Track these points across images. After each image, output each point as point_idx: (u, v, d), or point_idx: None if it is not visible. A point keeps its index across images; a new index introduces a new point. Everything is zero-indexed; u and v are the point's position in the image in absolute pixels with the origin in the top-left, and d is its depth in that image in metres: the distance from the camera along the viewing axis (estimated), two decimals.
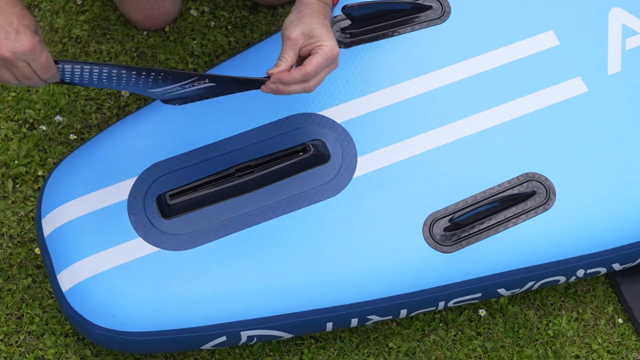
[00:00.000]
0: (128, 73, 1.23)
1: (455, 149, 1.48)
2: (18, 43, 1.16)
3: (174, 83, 1.26)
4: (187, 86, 1.28)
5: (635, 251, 1.51)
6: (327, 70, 1.32)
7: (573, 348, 1.59)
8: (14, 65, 1.18)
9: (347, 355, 1.57)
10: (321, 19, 1.33)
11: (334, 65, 1.32)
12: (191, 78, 1.25)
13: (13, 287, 1.59)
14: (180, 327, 1.39)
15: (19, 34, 1.16)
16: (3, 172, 1.68)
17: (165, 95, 1.32)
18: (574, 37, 1.56)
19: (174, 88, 1.29)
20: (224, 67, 1.54)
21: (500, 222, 1.45)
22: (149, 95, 1.32)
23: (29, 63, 1.18)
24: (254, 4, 1.87)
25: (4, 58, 1.17)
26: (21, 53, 1.17)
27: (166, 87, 1.28)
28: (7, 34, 1.16)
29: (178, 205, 1.41)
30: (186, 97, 1.33)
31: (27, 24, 1.18)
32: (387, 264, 1.42)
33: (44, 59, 1.19)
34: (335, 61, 1.32)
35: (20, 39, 1.16)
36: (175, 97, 1.33)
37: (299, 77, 1.29)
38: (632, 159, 1.49)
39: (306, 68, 1.28)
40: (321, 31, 1.31)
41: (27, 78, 1.20)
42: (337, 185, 1.44)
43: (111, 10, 1.84)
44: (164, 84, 1.26)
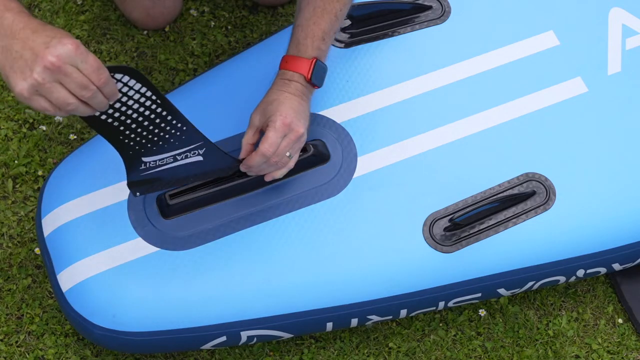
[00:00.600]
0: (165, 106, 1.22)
1: (455, 149, 1.48)
2: (60, 46, 1.09)
3: (179, 148, 1.28)
4: (180, 157, 1.30)
5: (635, 251, 1.51)
6: (287, 140, 1.33)
7: (573, 348, 1.59)
8: (64, 73, 1.10)
9: (347, 355, 1.57)
10: (280, 95, 1.35)
11: (291, 135, 1.33)
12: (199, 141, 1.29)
13: (13, 287, 1.59)
14: (180, 327, 1.39)
15: (59, 39, 1.10)
16: (3, 172, 1.68)
17: (148, 171, 1.31)
18: (574, 37, 1.56)
19: (166, 159, 1.30)
20: (224, 67, 1.54)
21: (500, 222, 1.45)
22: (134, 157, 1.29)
23: (78, 67, 1.11)
24: (254, 4, 1.87)
25: (52, 66, 1.09)
26: (66, 55, 1.09)
27: (163, 155, 1.29)
28: (46, 44, 1.09)
29: (178, 205, 1.41)
30: (161, 178, 1.33)
31: (62, 32, 1.11)
32: (387, 264, 1.42)
33: (92, 58, 1.10)
34: (292, 129, 1.33)
35: (62, 41, 1.10)
36: (153, 176, 1.32)
37: (260, 158, 1.33)
38: (632, 159, 1.49)
39: (260, 148, 1.33)
40: (273, 107, 1.34)
41: (84, 87, 1.11)
42: (337, 185, 1.44)
43: (111, 10, 1.84)
44: (172, 144, 1.28)
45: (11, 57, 1.11)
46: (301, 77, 1.36)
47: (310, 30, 1.36)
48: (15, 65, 1.11)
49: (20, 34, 1.11)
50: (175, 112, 1.24)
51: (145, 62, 1.80)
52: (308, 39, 1.36)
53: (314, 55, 1.36)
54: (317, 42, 1.36)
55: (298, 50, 1.37)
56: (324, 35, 1.37)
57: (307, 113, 1.36)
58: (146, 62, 1.80)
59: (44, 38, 1.10)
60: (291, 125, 1.33)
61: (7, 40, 1.12)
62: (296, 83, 1.36)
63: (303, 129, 1.34)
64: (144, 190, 1.34)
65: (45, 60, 1.09)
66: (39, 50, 1.09)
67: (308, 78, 1.36)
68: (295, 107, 1.34)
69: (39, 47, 1.10)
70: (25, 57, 1.10)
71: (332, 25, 1.37)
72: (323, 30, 1.37)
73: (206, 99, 1.50)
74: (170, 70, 1.80)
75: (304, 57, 1.36)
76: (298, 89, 1.36)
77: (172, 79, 1.79)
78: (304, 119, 1.35)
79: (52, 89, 1.10)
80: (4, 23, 1.12)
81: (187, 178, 1.36)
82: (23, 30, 1.11)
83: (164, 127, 1.25)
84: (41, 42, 1.10)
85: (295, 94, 1.35)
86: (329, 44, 1.39)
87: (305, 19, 1.37)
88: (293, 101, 1.34)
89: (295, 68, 1.36)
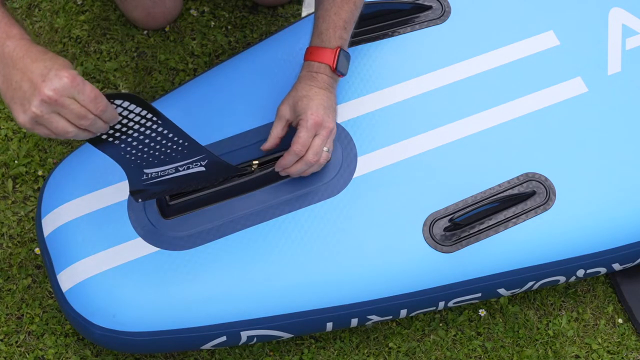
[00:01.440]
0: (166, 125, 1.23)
1: (455, 149, 1.48)
2: (56, 79, 1.11)
3: (181, 160, 1.30)
4: (181, 168, 1.31)
5: (635, 251, 1.51)
6: (320, 137, 1.36)
7: (573, 348, 1.59)
8: (62, 105, 1.12)
9: (347, 355, 1.57)
10: (309, 90, 1.37)
11: (324, 132, 1.36)
12: (201, 154, 1.30)
13: (13, 287, 1.59)
14: (180, 327, 1.39)
15: (56, 70, 1.12)
16: (3, 172, 1.68)
17: (150, 180, 1.32)
18: (574, 37, 1.56)
19: (169, 170, 1.31)
20: (224, 67, 1.54)
21: (500, 222, 1.45)
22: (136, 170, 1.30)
23: (75, 99, 1.13)
24: (254, 4, 1.87)
25: (49, 99, 1.11)
26: (63, 88, 1.11)
27: (165, 167, 1.30)
28: (43, 76, 1.11)
29: (178, 205, 1.41)
30: (162, 188, 1.35)
31: (61, 63, 1.13)
32: (387, 264, 1.42)
33: (89, 89, 1.12)
34: (324, 126, 1.36)
35: (58, 74, 1.12)
36: (155, 185, 1.33)
37: (292, 157, 1.36)
38: (632, 159, 1.49)
39: (293, 148, 1.35)
40: (303, 104, 1.36)
41: (82, 117, 1.13)
42: (337, 185, 1.44)
43: (111, 10, 1.84)
44: (174, 157, 1.29)
45: (12, 87, 1.14)
46: (327, 68, 1.38)
47: (332, 21, 1.39)
48: (15, 96, 1.14)
49: (20, 64, 1.13)
50: (177, 130, 1.25)
51: (145, 62, 1.80)
52: (330, 29, 1.39)
53: (338, 44, 1.39)
54: (340, 31, 1.39)
55: (321, 40, 1.39)
56: (345, 25, 1.39)
57: (335, 106, 1.40)
58: (146, 62, 1.80)
59: (41, 69, 1.12)
60: (323, 123, 1.36)
61: (8, 70, 1.14)
62: (323, 75, 1.38)
63: (333, 124, 1.38)
64: (146, 197, 1.35)
65: (42, 94, 1.12)
66: (37, 83, 1.12)
67: (333, 68, 1.38)
68: (324, 103, 1.37)
69: (37, 79, 1.12)
70: (24, 89, 1.13)
71: (352, 13, 1.40)
72: (344, 20, 1.39)
73: (206, 99, 1.50)
74: (170, 70, 1.80)
75: (328, 47, 1.39)
76: (325, 82, 1.38)
77: (172, 79, 1.79)
78: (333, 113, 1.39)
79: (52, 120, 1.13)
80: (5, 51, 1.15)
81: (189, 185, 1.37)
82: (22, 59, 1.13)
83: (165, 144, 1.26)
84: (39, 73, 1.12)
85: (323, 88, 1.38)
86: (350, 32, 1.41)
87: (326, 10, 1.39)
88: (322, 96, 1.37)
89: (321, 59, 1.38)
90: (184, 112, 1.49)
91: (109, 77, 1.78)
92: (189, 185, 1.37)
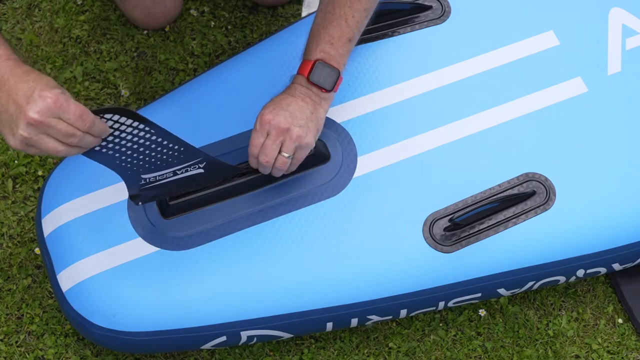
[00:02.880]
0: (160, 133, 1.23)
1: (455, 149, 1.48)
2: (40, 100, 1.11)
3: (178, 164, 1.29)
4: (179, 172, 1.31)
5: (635, 251, 1.51)
6: (270, 139, 1.33)
7: (573, 348, 1.59)
8: (48, 125, 1.12)
9: (347, 355, 1.57)
10: (280, 95, 1.36)
11: (273, 132, 1.32)
12: (198, 157, 1.30)
13: (13, 287, 1.59)
14: (180, 327, 1.39)
15: (39, 91, 1.12)
16: (3, 172, 1.68)
17: (148, 185, 1.32)
18: (574, 37, 1.56)
19: (166, 174, 1.31)
20: (224, 67, 1.54)
21: (500, 222, 1.44)
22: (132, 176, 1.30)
23: (61, 118, 1.13)
24: (254, 4, 1.87)
25: (34, 122, 1.12)
26: (47, 109, 1.12)
27: (163, 172, 1.30)
28: (27, 99, 1.12)
29: (178, 205, 1.41)
30: (161, 191, 1.34)
31: (44, 83, 1.14)
32: (387, 264, 1.42)
33: (73, 107, 1.13)
34: (273, 126, 1.32)
35: (42, 95, 1.12)
36: (153, 189, 1.33)
37: (251, 159, 1.36)
38: (632, 159, 1.49)
39: (249, 150, 1.35)
40: (266, 105, 1.35)
41: (70, 135, 1.13)
42: (337, 185, 1.44)
43: (111, 10, 1.84)
44: (171, 162, 1.29)
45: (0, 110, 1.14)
46: (302, 78, 1.37)
47: (318, 35, 1.38)
48: (3, 120, 1.14)
49: (5, 86, 1.14)
50: (171, 136, 1.24)
51: (145, 62, 1.80)
52: (313, 42, 1.38)
53: (318, 57, 1.37)
54: (323, 45, 1.37)
55: (305, 53, 1.39)
56: (331, 40, 1.37)
57: (306, 112, 1.35)
58: (146, 62, 1.80)
59: (25, 91, 1.13)
60: (271, 122, 1.33)
61: None
62: (297, 85, 1.37)
63: (287, 125, 1.33)
64: (145, 200, 1.35)
65: (27, 117, 1.12)
66: (22, 105, 1.12)
67: (307, 77, 1.36)
68: (286, 106, 1.34)
69: (21, 100, 1.12)
70: (10, 112, 1.13)
71: (343, 30, 1.37)
72: (331, 35, 1.37)
73: (206, 99, 1.50)
74: (170, 70, 1.80)
75: (307, 59, 1.37)
76: (300, 91, 1.36)
77: (172, 79, 1.79)
78: (299, 117, 1.34)
79: (40, 141, 1.14)
80: None
81: (190, 187, 1.37)
82: (7, 81, 1.14)
83: (160, 150, 1.25)
84: (22, 95, 1.12)
85: (295, 96, 1.36)
86: (341, 49, 1.38)
87: (316, 24, 1.39)
88: (287, 100, 1.35)
89: (299, 70, 1.38)
90: (184, 112, 1.49)
91: (109, 77, 1.78)
92: (189, 186, 1.37)
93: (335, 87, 1.37)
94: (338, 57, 1.38)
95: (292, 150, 1.34)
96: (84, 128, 1.14)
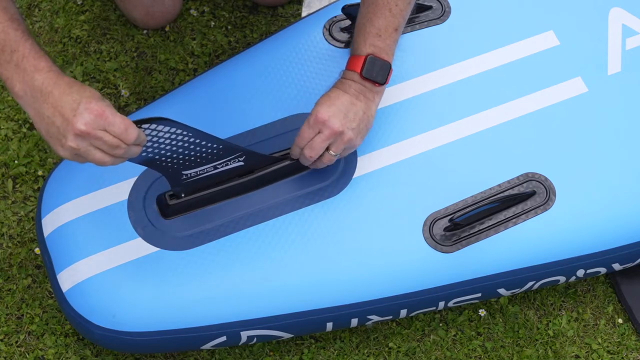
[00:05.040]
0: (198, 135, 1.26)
1: (455, 149, 1.48)
2: (86, 113, 1.14)
3: (218, 160, 1.33)
4: (220, 166, 1.35)
5: (635, 251, 1.51)
6: (320, 136, 1.34)
7: (573, 348, 1.59)
8: (95, 137, 1.15)
9: (347, 355, 1.57)
10: (333, 92, 1.37)
11: (326, 132, 1.34)
12: (238, 152, 1.34)
13: (13, 287, 1.59)
14: (180, 327, 1.39)
15: (85, 105, 1.14)
16: (3, 172, 1.68)
17: (190, 179, 1.36)
18: (574, 37, 1.56)
19: (207, 169, 1.34)
20: (224, 67, 1.54)
21: (500, 222, 1.45)
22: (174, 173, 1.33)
23: (107, 130, 1.15)
24: (254, 4, 1.87)
25: (82, 134, 1.14)
26: (93, 121, 1.14)
27: (203, 167, 1.34)
28: (73, 111, 1.14)
29: (178, 205, 1.41)
30: (203, 183, 1.39)
31: (88, 94, 1.16)
32: (387, 264, 1.42)
33: (119, 120, 1.15)
34: (328, 126, 1.34)
35: (88, 107, 1.14)
36: (195, 182, 1.37)
37: (295, 149, 1.38)
38: (632, 159, 1.49)
39: (296, 140, 1.37)
40: (319, 101, 1.36)
41: (116, 147, 1.16)
42: (337, 185, 1.44)
43: (111, 10, 1.84)
44: (211, 159, 1.32)
45: (44, 122, 1.16)
46: (355, 74, 1.38)
47: (365, 30, 1.39)
48: (50, 131, 1.16)
49: (50, 98, 1.16)
50: (210, 137, 1.28)
51: (145, 62, 1.80)
52: (361, 37, 1.39)
53: (369, 52, 1.38)
54: (371, 39, 1.38)
55: (354, 49, 1.40)
56: (379, 32, 1.38)
57: (359, 113, 1.37)
58: (146, 62, 1.80)
59: (70, 103, 1.15)
60: (326, 122, 1.34)
61: (38, 104, 1.16)
62: (350, 81, 1.38)
63: (341, 128, 1.34)
64: (188, 192, 1.39)
65: (75, 129, 1.14)
66: (69, 117, 1.14)
67: (360, 73, 1.37)
68: (341, 106, 1.35)
69: (68, 113, 1.14)
70: (57, 124, 1.15)
71: (388, 20, 1.38)
72: (377, 27, 1.38)
73: (206, 99, 1.50)
74: (170, 70, 1.80)
75: (358, 54, 1.39)
76: (354, 87, 1.37)
77: (172, 79, 1.79)
78: (352, 119, 1.36)
79: (88, 152, 1.16)
80: (34, 85, 1.17)
81: (230, 177, 1.40)
82: (52, 93, 1.16)
83: (199, 150, 1.29)
84: (69, 107, 1.15)
85: (348, 92, 1.37)
86: (388, 40, 1.39)
87: (361, 17, 1.40)
88: (342, 99, 1.36)
89: (350, 66, 1.39)
90: (184, 112, 1.49)
91: (109, 77, 1.78)
92: (230, 176, 1.40)
93: (387, 79, 1.39)
94: (387, 49, 1.39)
95: (340, 151, 1.37)
96: (129, 141, 1.17)
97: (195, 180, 1.36)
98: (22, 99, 1.18)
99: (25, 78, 1.17)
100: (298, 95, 1.49)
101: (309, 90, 1.50)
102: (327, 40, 1.54)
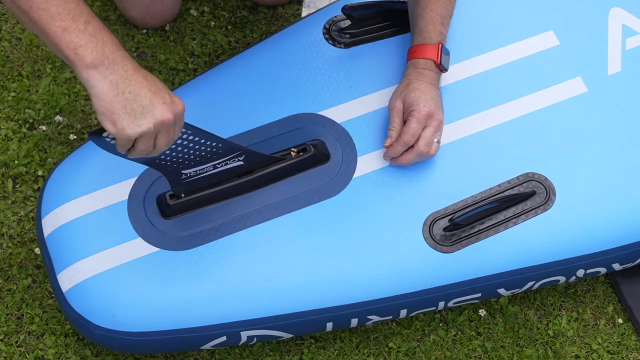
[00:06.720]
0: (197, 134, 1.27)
1: (455, 149, 1.48)
2: (176, 105, 1.15)
3: (218, 159, 1.34)
4: (219, 165, 1.36)
5: (635, 251, 1.51)
6: (430, 128, 1.40)
7: (573, 348, 1.59)
8: (167, 129, 1.15)
9: (347, 355, 1.57)
10: (420, 85, 1.41)
11: (434, 123, 1.40)
12: (237, 151, 1.35)
13: (13, 287, 1.59)
14: (180, 327, 1.39)
15: (171, 97, 1.15)
16: (3, 172, 1.68)
17: (189, 179, 1.36)
18: (574, 37, 1.56)
19: (207, 168, 1.35)
20: (224, 67, 1.54)
21: (500, 222, 1.45)
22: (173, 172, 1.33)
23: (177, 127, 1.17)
24: (254, 4, 1.87)
25: (167, 122, 1.14)
26: (179, 116, 1.16)
27: (203, 166, 1.34)
28: (163, 99, 1.14)
29: (178, 206, 1.41)
30: (203, 183, 1.39)
31: (166, 87, 1.16)
32: (387, 264, 1.42)
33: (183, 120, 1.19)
34: (434, 118, 1.40)
35: (175, 101, 1.15)
36: (195, 181, 1.37)
37: (401, 147, 1.41)
38: (632, 159, 1.49)
39: (403, 137, 1.40)
40: (414, 96, 1.40)
41: (170, 142, 1.18)
42: (337, 185, 1.44)
43: (111, 10, 1.84)
44: (210, 158, 1.33)
45: (123, 96, 1.12)
46: (432, 64, 1.42)
47: (430, 17, 1.43)
48: (128, 106, 1.12)
49: (134, 77, 1.13)
50: (209, 135, 1.28)
51: (145, 62, 1.80)
52: (430, 25, 1.43)
53: (438, 40, 1.43)
54: (438, 27, 1.43)
55: (423, 38, 1.43)
56: (442, 20, 1.43)
57: (441, 101, 1.43)
58: (146, 62, 1.80)
59: (159, 92, 1.14)
60: (434, 115, 1.40)
61: (117, 77, 1.12)
62: (429, 71, 1.42)
63: (442, 117, 1.41)
64: (187, 192, 1.39)
65: (165, 115, 1.13)
66: (159, 104, 1.13)
67: (438, 63, 1.42)
68: (434, 97, 1.41)
69: (158, 100, 1.13)
70: (143, 104, 1.12)
71: (447, 8, 1.45)
72: (441, 15, 1.43)
73: (206, 99, 1.50)
74: (170, 70, 1.80)
75: (430, 43, 1.43)
76: (432, 77, 1.43)
77: (172, 79, 1.79)
78: (441, 109, 1.42)
79: (150, 139, 1.15)
80: (116, 58, 1.13)
81: (230, 177, 1.41)
82: (135, 74, 1.13)
83: (199, 148, 1.29)
84: (168, 93, 1.14)
85: (431, 83, 1.42)
86: (447, 27, 1.45)
87: (423, 7, 1.43)
88: (432, 91, 1.41)
89: (425, 55, 1.42)
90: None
91: None
92: (230, 176, 1.40)
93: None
94: (446, 36, 1.45)
95: (440, 137, 1.43)
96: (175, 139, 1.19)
97: (195, 179, 1.36)
98: (96, 68, 1.12)
99: (105, 50, 1.12)
100: (298, 95, 1.49)
101: (309, 90, 1.50)
102: (327, 41, 1.54)
